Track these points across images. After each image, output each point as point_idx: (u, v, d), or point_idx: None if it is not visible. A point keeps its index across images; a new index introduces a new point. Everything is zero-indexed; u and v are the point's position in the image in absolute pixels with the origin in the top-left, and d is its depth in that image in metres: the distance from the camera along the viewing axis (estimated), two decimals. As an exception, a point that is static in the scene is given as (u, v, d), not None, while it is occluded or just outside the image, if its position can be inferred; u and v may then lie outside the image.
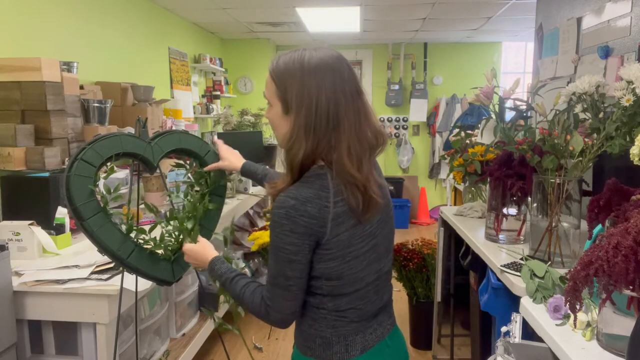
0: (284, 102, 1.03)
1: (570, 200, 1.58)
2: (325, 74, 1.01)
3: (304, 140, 1.00)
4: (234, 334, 3.20)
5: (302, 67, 1.01)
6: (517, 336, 1.29)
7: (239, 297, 1.12)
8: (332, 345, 1.09)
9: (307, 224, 0.98)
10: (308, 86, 1.00)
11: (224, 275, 1.17)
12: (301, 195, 0.99)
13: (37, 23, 2.66)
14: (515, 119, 1.90)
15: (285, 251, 1.00)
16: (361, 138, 1.03)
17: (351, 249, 1.04)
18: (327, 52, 1.05)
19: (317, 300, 1.08)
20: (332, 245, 1.01)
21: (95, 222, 1.30)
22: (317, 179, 1.02)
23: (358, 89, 1.05)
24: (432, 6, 4.27)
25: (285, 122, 1.04)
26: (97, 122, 2.73)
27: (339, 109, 1.01)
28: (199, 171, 1.57)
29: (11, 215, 2.06)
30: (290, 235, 0.99)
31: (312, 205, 0.99)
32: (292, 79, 1.01)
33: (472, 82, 5.68)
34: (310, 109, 0.99)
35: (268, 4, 4.19)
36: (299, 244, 0.99)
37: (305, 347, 1.13)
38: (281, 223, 0.99)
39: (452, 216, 2.39)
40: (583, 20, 2.58)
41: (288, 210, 0.98)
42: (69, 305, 1.64)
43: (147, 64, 3.98)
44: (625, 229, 0.84)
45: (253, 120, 4.98)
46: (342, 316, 1.09)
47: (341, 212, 1.01)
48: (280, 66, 1.04)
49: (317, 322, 1.10)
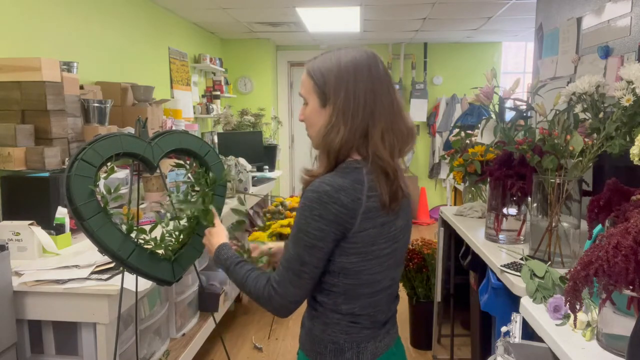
0: (321, 94, 1.06)
1: (570, 200, 1.58)
2: (361, 66, 1.05)
3: (342, 125, 1.03)
4: (233, 334, 3.21)
5: (340, 61, 1.06)
6: (517, 336, 1.29)
7: (242, 280, 1.10)
8: (345, 352, 1.09)
9: (338, 212, 0.99)
10: (346, 76, 1.04)
11: (229, 259, 1.16)
12: (336, 183, 1.00)
13: (37, 23, 2.66)
14: (515, 119, 1.90)
15: (310, 235, 1.00)
16: (394, 129, 1.06)
17: (374, 248, 1.04)
18: (363, 49, 1.10)
19: (332, 302, 1.08)
20: (358, 239, 1.02)
21: (96, 222, 1.30)
22: (352, 172, 1.03)
23: (392, 83, 1.10)
24: (432, 6, 4.27)
25: (322, 116, 1.07)
26: (97, 122, 2.73)
27: (375, 98, 1.04)
28: (199, 171, 1.57)
29: (11, 215, 2.06)
30: (318, 220, 0.99)
31: (346, 195, 0.99)
32: (330, 71, 1.05)
33: (472, 82, 5.69)
34: (348, 94, 1.03)
35: (268, 4, 4.19)
36: (326, 230, 0.99)
37: (315, 352, 1.11)
38: (312, 207, 1.00)
39: (452, 216, 2.39)
40: (583, 20, 2.58)
41: (321, 195, 0.99)
42: (69, 305, 1.64)
43: (147, 64, 3.98)
44: (625, 229, 0.84)
45: (253, 120, 4.98)
46: (355, 322, 1.09)
47: (372, 207, 1.02)
48: (317, 63, 1.08)
49: (330, 327, 1.09)
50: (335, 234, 1.01)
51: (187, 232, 1.56)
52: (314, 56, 1.12)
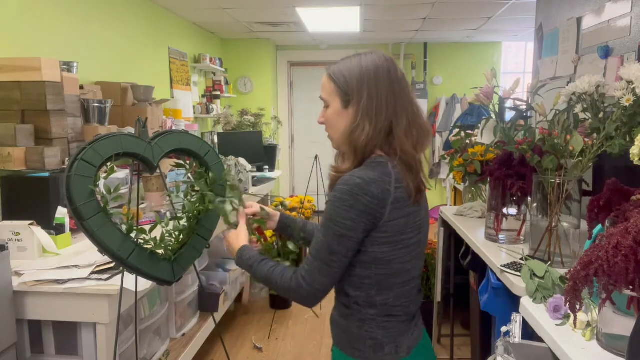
0: (344, 96, 1.12)
1: (570, 200, 1.58)
2: (382, 69, 1.11)
3: (367, 123, 1.09)
4: (233, 334, 3.21)
5: (361, 65, 1.12)
6: (517, 336, 1.29)
7: (268, 275, 1.14)
8: (384, 347, 1.13)
9: (369, 203, 1.04)
10: (367, 78, 1.10)
11: (252, 258, 1.20)
12: (367, 175, 1.06)
13: (37, 23, 2.66)
14: (515, 119, 1.90)
15: (340, 225, 1.05)
16: (416, 124, 1.13)
17: (404, 237, 1.10)
18: (380, 54, 1.15)
19: (365, 294, 1.12)
20: (389, 228, 1.07)
21: (96, 222, 1.30)
22: (379, 165, 1.09)
23: (408, 85, 1.16)
24: (432, 6, 4.27)
25: (345, 117, 1.13)
26: (97, 122, 2.73)
27: (395, 97, 1.11)
28: (199, 171, 1.57)
29: (11, 215, 2.06)
30: (349, 211, 1.04)
31: (376, 187, 1.05)
32: (352, 74, 1.11)
33: (472, 82, 5.68)
34: (371, 94, 1.09)
35: (268, 4, 4.19)
36: (356, 220, 1.04)
37: (353, 348, 1.15)
38: (344, 198, 1.05)
39: (452, 216, 2.39)
40: (583, 20, 2.58)
41: (352, 188, 1.04)
42: (69, 305, 1.64)
43: (147, 64, 3.98)
44: (625, 229, 0.84)
45: (253, 120, 4.99)
46: (390, 315, 1.13)
47: (400, 197, 1.08)
48: (338, 67, 1.15)
49: (367, 324, 1.13)
50: (366, 224, 1.06)
51: (187, 232, 1.56)
52: (335, 61, 1.17)
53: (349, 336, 1.15)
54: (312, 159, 4.72)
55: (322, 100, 1.17)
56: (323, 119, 1.18)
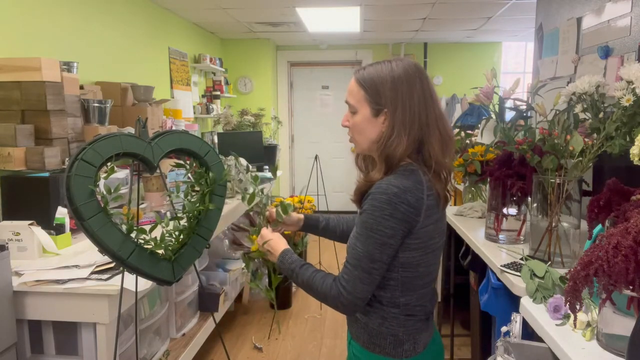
0: (375, 105, 1.13)
1: (570, 200, 1.58)
2: (413, 79, 1.13)
3: (404, 136, 1.11)
4: (233, 334, 3.21)
5: (393, 73, 1.12)
6: (517, 336, 1.29)
7: (309, 280, 1.17)
8: (403, 343, 1.17)
9: (406, 211, 1.07)
10: (401, 89, 1.11)
11: (294, 262, 1.23)
12: (403, 184, 1.08)
13: (37, 23, 2.66)
14: (515, 119, 1.90)
15: (381, 233, 1.07)
16: (444, 134, 1.15)
17: (432, 242, 1.14)
18: (410, 61, 1.17)
19: (389, 294, 1.15)
20: (421, 234, 1.11)
21: (96, 222, 1.30)
22: (412, 174, 1.12)
23: (436, 93, 1.18)
24: (432, 6, 4.27)
25: (374, 125, 1.14)
26: (97, 122, 2.73)
27: (427, 108, 1.13)
28: (199, 171, 1.58)
29: (11, 215, 2.06)
30: (389, 219, 1.07)
31: (411, 195, 1.08)
32: (384, 83, 1.12)
33: (472, 82, 5.68)
34: (404, 106, 1.11)
35: (268, 4, 4.19)
36: (396, 228, 1.07)
37: (373, 344, 1.19)
38: (382, 207, 1.07)
39: (452, 216, 2.39)
40: (583, 20, 2.58)
41: (390, 197, 1.07)
42: (69, 305, 1.64)
43: (147, 64, 3.98)
44: (625, 229, 0.84)
45: (253, 120, 4.98)
46: (411, 314, 1.17)
47: (431, 205, 1.12)
48: (368, 74, 1.15)
49: (388, 321, 1.17)
50: (404, 231, 1.09)
51: (187, 232, 1.56)
52: (362, 66, 1.19)
53: (370, 332, 1.19)
54: (312, 159, 4.73)
55: (347, 105, 1.18)
56: (349, 124, 1.19)
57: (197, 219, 1.58)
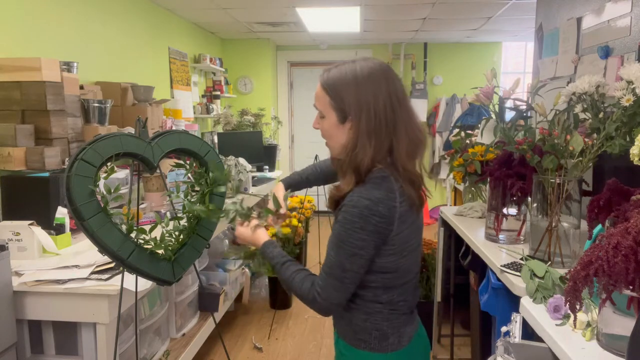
0: (340, 111, 1.10)
1: (570, 200, 1.57)
2: (379, 81, 1.09)
3: (368, 145, 1.08)
4: (233, 334, 3.21)
5: (356, 77, 1.08)
6: (517, 336, 1.29)
7: (289, 280, 1.16)
8: (388, 337, 1.17)
9: (378, 222, 1.06)
10: (365, 94, 1.07)
11: (276, 258, 1.21)
12: (374, 196, 1.06)
13: (37, 23, 2.66)
14: (515, 119, 1.89)
15: (351, 245, 1.07)
16: (413, 137, 1.12)
17: (408, 244, 1.13)
18: (376, 61, 1.13)
19: (371, 294, 1.15)
20: (396, 241, 1.10)
21: (96, 222, 1.30)
22: (383, 181, 1.08)
23: (405, 92, 1.14)
24: (432, 6, 4.27)
25: (342, 131, 1.11)
26: (97, 122, 2.73)
27: (394, 112, 1.09)
28: (199, 171, 1.57)
29: (11, 215, 2.06)
30: (359, 232, 1.06)
31: (383, 206, 1.06)
32: (347, 88, 1.08)
33: (472, 82, 5.68)
34: (370, 114, 1.07)
35: (268, 4, 4.19)
36: (367, 240, 1.06)
37: (359, 340, 1.18)
38: (353, 220, 1.06)
39: (452, 216, 2.39)
40: (583, 20, 2.58)
41: (362, 210, 1.05)
42: (69, 305, 1.64)
43: (147, 64, 3.98)
44: (625, 229, 0.84)
45: (253, 120, 4.98)
46: (395, 309, 1.17)
47: (405, 211, 1.09)
48: (332, 78, 1.11)
49: (372, 316, 1.16)
50: (376, 242, 1.08)
51: (187, 232, 1.56)
52: (327, 68, 1.14)
53: (355, 328, 1.18)
54: (312, 159, 4.72)
55: (316, 109, 1.15)
56: (319, 127, 1.17)
57: (197, 219, 1.58)
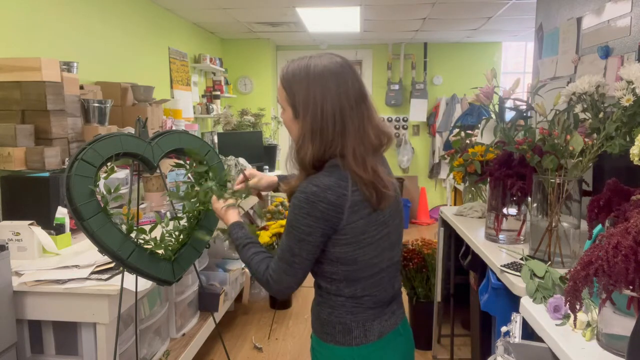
0: (293, 107, 1.12)
1: (570, 200, 1.57)
2: (329, 81, 1.08)
3: (310, 144, 1.09)
4: (233, 334, 3.21)
5: (308, 75, 1.09)
6: (517, 336, 1.29)
7: (247, 261, 1.20)
8: (352, 331, 1.17)
9: (325, 209, 1.06)
10: (313, 93, 1.08)
11: (239, 239, 1.25)
12: (322, 183, 1.07)
13: (37, 23, 2.66)
14: (515, 119, 1.90)
15: (299, 230, 1.08)
16: (365, 141, 1.10)
17: (366, 236, 1.11)
18: (332, 58, 1.11)
19: (335, 287, 1.16)
20: (348, 231, 1.09)
21: (96, 222, 1.30)
22: (336, 169, 1.09)
23: (363, 93, 1.12)
24: (432, 6, 4.27)
25: (296, 126, 1.13)
26: (97, 122, 2.73)
27: (344, 115, 1.08)
28: (199, 171, 1.58)
29: (11, 215, 2.06)
30: (306, 217, 1.07)
31: (332, 193, 1.06)
32: (298, 86, 1.09)
33: (472, 82, 5.68)
34: (316, 114, 1.08)
35: (268, 4, 4.19)
36: (314, 226, 1.07)
37: (325, 333, 1.19)
38: (301, 206, 1.07)
39: (452, 216, 2.39)
40: (583, 20, 2.58)
41: (309, 195, 1.06)
42: (69, 305, 1.64)
43: (147, 64, 3.98)
44: (625, 229, 0.84)
45: (253, 120, 4.98)
46: (359, 303, 1.16)
47: (357, 200, 1.08)
48: (288, 74, 1.12)
49: (336, 310, 1.17)
50: (324, 229, 1.08)
51: (187, 232, 1.56)
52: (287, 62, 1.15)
53: (322, 322, 1.20)
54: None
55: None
56: (282, 120, 1.19)
57: (197, 219, 1.58)
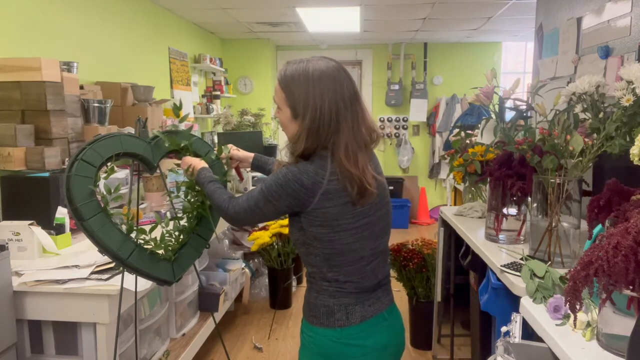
0: (292, 108, 1.21)
1: (570, 200, 1.57)
2: (327, 84, 1.18)
3: (305, 140, 1.19)
4: (233, 334, 3.21)
5: (307, 78, 1.18)
6: (517, 336, 1.29)
7: (211, 193, 1.37)
8: (335, 313, 1.24)
9: (297, 189, 1.18)
10: (313, 96, 1.17)
11: (205, 178, 1.42)
12: (304, 167, 1.19)
13: (37, 23, 2.66)
14: (515, 119, 1.90)
15: (269, 194, 1.22)
16: (357, 137, 1.21)
17: (340, 222, 1.20)
18: (328, 63, 1.22)
19: (318, 270, 1.25)
20: (319, 214, 1.19)
21: (96, 222, 1.30)
22: (319, 159, 1.20)
23: (356, 94, 1.23)
24: (432, 6, 4.27)
25: (294, 125, 1.22)
26: (97, 122, 2.73)
27: (339, 115, 1.18)
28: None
29: (11, 215, 2.06)
30: (279, 188, 1.20)
31: (307, 177, 1.17)
32: (299, 88, 1.19)
33: (472, 82, 5.68)
34: (315, 115, 1.17)
35: (268, 4, 4.19)
36: (283, 197, 1.20)
37: (312, 316, 1.28)
38: (278, 177, 1.20)
39: (452, 216, 2.39)
40: (583, 20, 2.58)
41: (286, 173, 1.19)
42: (69, 305, 1.64)
43: (147, 64, 3.98)
44: (625, 229, 0.84)
45: (253, 120, 4.98)
46: (341, 287, 1.25)
47: (333, 189, 1.18)
48: (287, 76, 1.21)
49: (321, 294, 1.26)
50: (290, 203, 1.20)
51: (187, 232, 1.56)
52: (285, 64, 1.24)
53: (309, 305, 1.29)
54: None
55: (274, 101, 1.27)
56: (277, 117, 1.30)
57: (197, 219, 1.58)
